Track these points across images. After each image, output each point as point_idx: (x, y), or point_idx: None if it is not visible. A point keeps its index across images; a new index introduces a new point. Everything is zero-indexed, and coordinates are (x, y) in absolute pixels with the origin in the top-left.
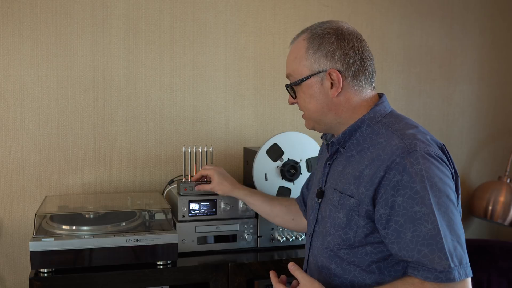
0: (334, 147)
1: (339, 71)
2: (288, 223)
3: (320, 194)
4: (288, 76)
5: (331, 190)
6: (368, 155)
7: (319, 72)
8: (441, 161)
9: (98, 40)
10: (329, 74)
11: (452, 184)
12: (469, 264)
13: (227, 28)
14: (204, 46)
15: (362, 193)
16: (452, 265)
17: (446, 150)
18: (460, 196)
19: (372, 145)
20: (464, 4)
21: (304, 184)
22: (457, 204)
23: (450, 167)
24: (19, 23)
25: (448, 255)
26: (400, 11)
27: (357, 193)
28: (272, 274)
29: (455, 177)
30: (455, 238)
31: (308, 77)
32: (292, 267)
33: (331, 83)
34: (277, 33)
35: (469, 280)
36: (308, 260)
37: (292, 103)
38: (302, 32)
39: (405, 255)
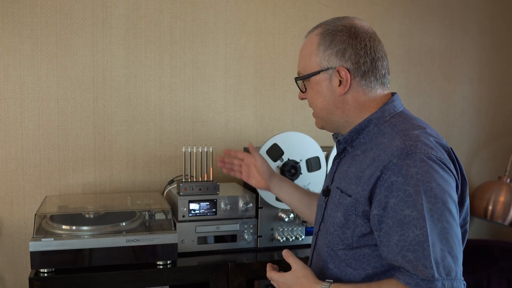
0: (341, 146)
1: (348, 69)
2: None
3: (326, 193)
4: (299, 72)
5: (334, 188)
6: (370, 155)
7: (327, 69)
8: (443, 166)
9: (98, 40)
10: (338, 71)
11: (454, 193)
12: (461, 278)
13: (227, 28)
14: (204, 46)
15: (359, 193)
16: (437, 275)
17: (454, 154)
18: (468, 203)
19: (375, 145)
20: (464, 4)
21: None
22: (464, 213)
23: (455, 172)
24: (19, 23)
25: (434, 264)
26: (400, 11)
27: (355, 192)
28: (268, 266)
29: (462, 184)
30: (446, 248)
31: (317, 72)
32: (286, 253)
33: (340, 80)
34: (277, 33)
35: None
36: (311, 259)
37: (302, 99)
38: (317, 27)
39: (391, 258)
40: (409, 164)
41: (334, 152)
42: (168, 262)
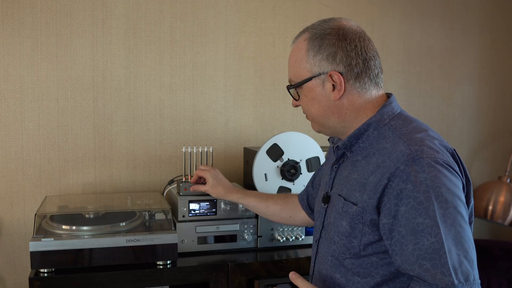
0: (340, 151)
1: (341, 73)
2: (286, 220)
3: (326, 199)
4: (290, 80)
5: (336, 195)
6: (373, 161)
7: (319, 74)
8: (451, 169)
9: (98, 40)
10: (330, 76)
11: (462, 195)
12: (478, 282)
13: (227, 28)
14: (204, 46)
15: (365, 201)
16: (456, 282)
17: (457, 155)
18: (472, 203)
19: (378, 150)
20: (464, 4)
21: (309, 181)
22: (469, 213)
23: (461, 174)
24: (19, 23)
25: (452, 271)
26: (400, 11)
27: (361, 200)
28: None
29: (466, 184)
30: (461, 253)
31: (309, 79)
32: (293, 275)
33: (333, 85)
34: (277, 33)
35: None
36: (314, 267)
37: (296, 106)
38: (303, 32)
39: (406, 268)
40: (417, 170)
41: (328, 156)
42: (168, 262)
